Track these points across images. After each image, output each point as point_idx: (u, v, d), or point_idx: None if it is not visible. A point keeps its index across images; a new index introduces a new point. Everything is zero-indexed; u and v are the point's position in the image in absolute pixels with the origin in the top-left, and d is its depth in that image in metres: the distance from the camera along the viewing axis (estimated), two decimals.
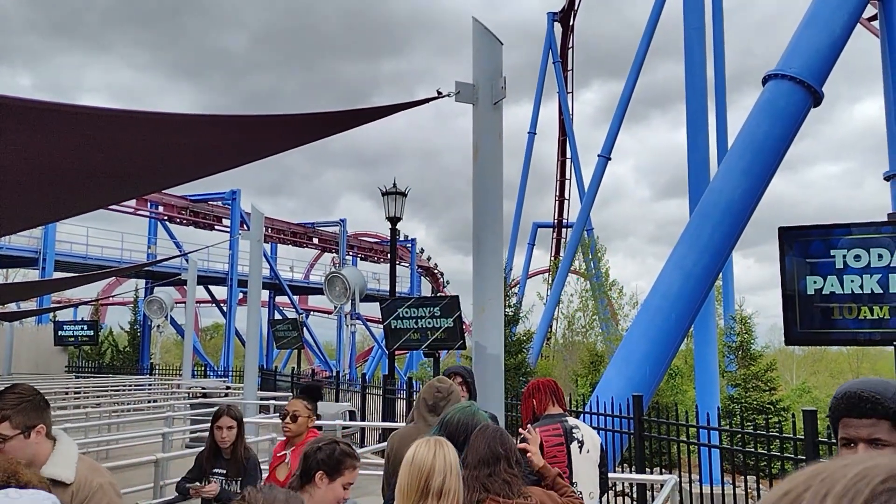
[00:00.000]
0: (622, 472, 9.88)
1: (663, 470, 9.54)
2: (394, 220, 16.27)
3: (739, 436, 7.92)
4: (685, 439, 8.22)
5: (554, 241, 46.05)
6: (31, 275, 34.14)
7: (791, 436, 6.76)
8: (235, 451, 5.02)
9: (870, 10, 18.50)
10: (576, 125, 42.97)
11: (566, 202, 45.45)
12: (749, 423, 9.39)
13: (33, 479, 2.04)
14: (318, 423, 5.21)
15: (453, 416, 3.61)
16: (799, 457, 6.57)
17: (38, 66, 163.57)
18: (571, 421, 4.24)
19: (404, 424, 5.23)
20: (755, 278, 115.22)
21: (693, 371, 22.38)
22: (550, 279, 40.11)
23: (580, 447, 4.11)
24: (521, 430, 3.87)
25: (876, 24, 19.12)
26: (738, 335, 21.38)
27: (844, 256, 5.72)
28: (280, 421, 5.00)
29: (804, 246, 5.77)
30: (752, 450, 7.30)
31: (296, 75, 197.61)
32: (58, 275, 30.78)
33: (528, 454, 3.47)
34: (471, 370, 5.41)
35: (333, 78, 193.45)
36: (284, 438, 4.89)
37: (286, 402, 5.66)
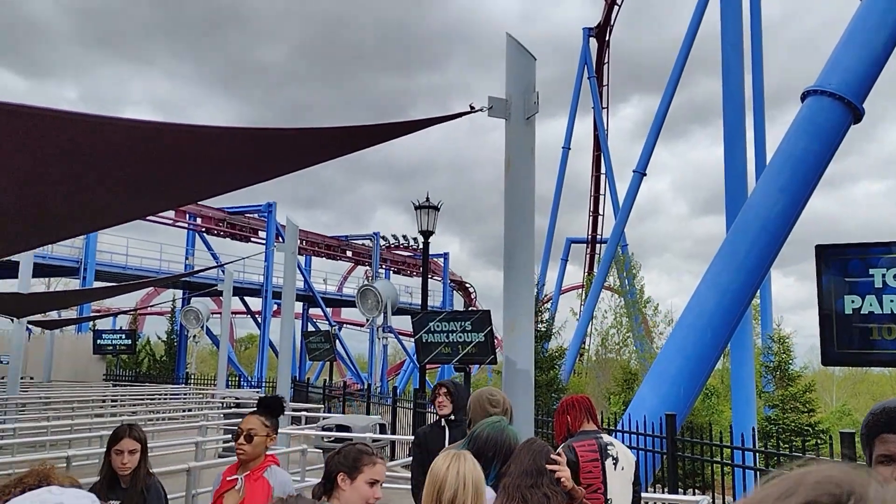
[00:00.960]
0: (654, 492, 9.74)
1: (697, 491, 9.38)
2: (426, 234, 16.31)
3: (776, 458, 7.77)
4: (719, 460, 8.08)
5: (587, 256, 45.81)
6: (73, 284, 34.86)
7: (829, 459, 6.61)
8: (135, 479, 4.28)
9: None
10: (614, 140, 43.00)
11: (600, 218, 45.23)
12: (786, 445, 9.20)
13: (65, 481, 2.09)
14: (348, 434, 5.13)
15: (482, 431, 3.60)
16: None
17: (83, 78, 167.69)
18: (606, 438, 4.23)
19: None
20: (795, 297, 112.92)
21: (729, 391, 22.01)
22: (584, 295, 39.85)
23: (615, 464, 4.10)
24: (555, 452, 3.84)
25: None
26: (775, 355, 21.02)
27: (884, 275, 5.59)
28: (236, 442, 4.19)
29: (842, 264, 5.66)
30: None
31: (332, 88, 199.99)
32: (98, 284, 31.42)
33: (558, 474, 3.46)
34: (457, 383, 5.61)
35: (369, 91, 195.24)
36: (236, 461, 4.18)
37: (318, 414, 5.52)
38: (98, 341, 33.15)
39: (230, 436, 14.00)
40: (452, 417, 5.26)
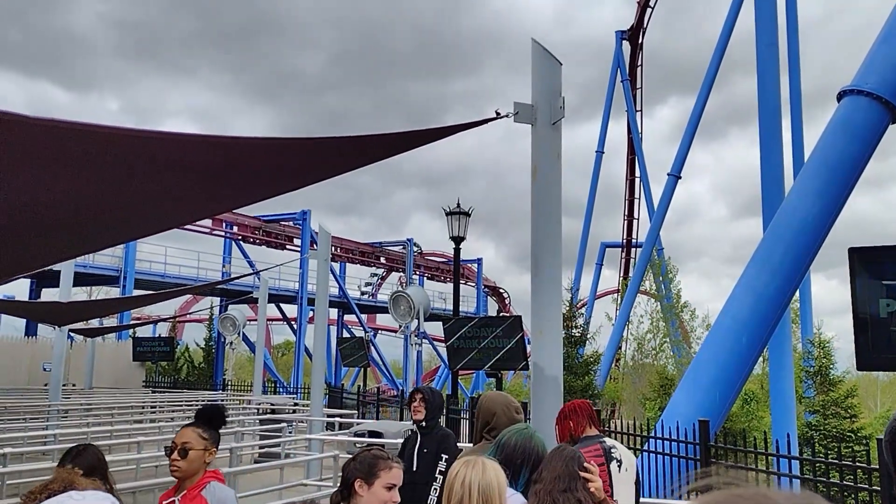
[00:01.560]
0: (686, 499, 9.61)
1: None
2: (457, 240, 16.33)
3: (819, 465, 7.60)
4: (755, 467, 7.93)
5: (623, 260, 45.39)
6: (113, 292, 35.54)
7: (875, 466, 6.43)
8: None
9: None
10: (651, 143, 42.81)
11: (635, 221, 44.81)
12: (830, 452, 9.00)
13: (88, 487, 2.14)
14: (380, 440, 5.15)
15: (510, 438, 3.60)
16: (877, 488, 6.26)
17: (124, 90, 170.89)
18: (609, 441, 4.27)
19: (470, 445, 5.25)
20: (838, 301, 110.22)
21: (769, 397, 21.62)
22: (619, 299, 39.50)
23: (619, 466, 4.12)
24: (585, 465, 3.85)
25: None
26: (816, 359, 20.60)
27: None
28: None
29: (877, 267, 5.55)
30: (835, 481, 6.95)
31: (367, 94, 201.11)
32: (137, 292, 32.01)
33: (589, 483, 3.46)
34: (434, 390, 5.59)
35: (404, 97, 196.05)
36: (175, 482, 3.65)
37: (352, 419, 5.46)
38: (138, 348, 33.74)
39: (265, 441, 14.17)
40: (424, 424, 5.26)
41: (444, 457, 5.08)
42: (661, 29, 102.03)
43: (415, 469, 5.10)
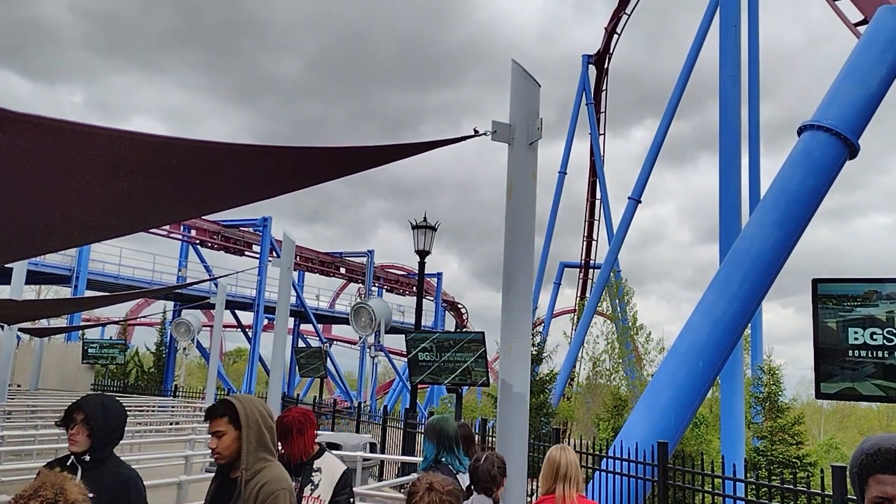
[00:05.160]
0: None
1: None
2: (422, 254, 16.34)
3: (766, 489, 7.78)
4: (710, 490, 8.08)
5: (580, 281, 45.87)
6: (64, 292, 34.70)
7: (820, 492, 6.62)
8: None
9: None
10: (624, 164, 43.20)
11: (594, 243, 45.38)
12: (776, 477, 9.20)
13: (79, 496, 2.10)
14: (339, 452, 5.10)
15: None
16: None
17: (92, 84, 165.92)
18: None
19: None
20: (792, 329, 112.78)
21: (718, 420, 22.00)
22: (576, 319, 39.86)
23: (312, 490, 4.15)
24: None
25: None
26: (765, 386, 21.02)
27: (878, 311, 5.65)
28: None
29: (838, 299, 5.73)
30: None
31: (345, 102, 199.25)
32: (89, 293, 31.29)
33: None
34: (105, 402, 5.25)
35: (382, 107, 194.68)
36: None
37: None
38: (88, 350, 32.95)
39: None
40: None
41: None
42: (643, 52, 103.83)
43: None
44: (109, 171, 4.35)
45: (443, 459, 5.05)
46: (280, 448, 4.02)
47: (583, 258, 45.73)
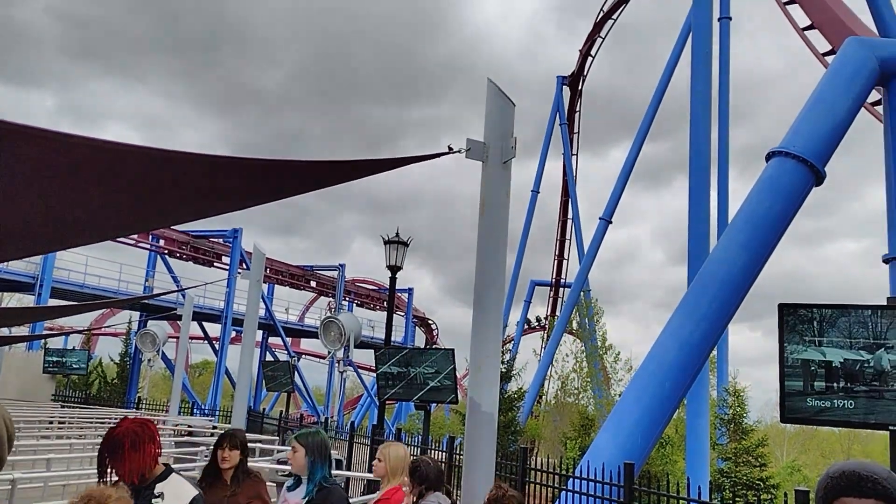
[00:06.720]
0: None
1: None
2: (394, 269, 16.30)
3: None
4: None
5: (550, 299, 46.08)
6: (27, 300, 34.03)
7: None
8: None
9: (874, 96, 18.89)
10: (600, 184, 43.61)
11: (565, 262, 45.62)
12: (739, 499, 9.28)
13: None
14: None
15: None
16: None
17: (67, 89, 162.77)
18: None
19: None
20: (759, 351, 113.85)
21: (684, 441, 22.14)
22: (545, 338, 39.98)
23: None
24: None
25: (880, 108, 19.47)
26: (730, 408, 21.22)
27: (843, 337, 5.75)
28: None
29: (804, 324, 5.81)
30: None
31: (325, 116, 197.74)
32: (53, 302, 30.70)
33: None
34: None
35: (362, 120, 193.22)
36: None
37: (273, 446, 5.27)
38: (50, 359, 32.28)
39: (181, 465, 13.67)
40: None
41: None
42: (621, 75, 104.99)
43: None
44: (71, 177, 4.27)
45: (329, 477, 4.56)
46: (108, 466, 3.57)
47: (553, 276, 45.95)
